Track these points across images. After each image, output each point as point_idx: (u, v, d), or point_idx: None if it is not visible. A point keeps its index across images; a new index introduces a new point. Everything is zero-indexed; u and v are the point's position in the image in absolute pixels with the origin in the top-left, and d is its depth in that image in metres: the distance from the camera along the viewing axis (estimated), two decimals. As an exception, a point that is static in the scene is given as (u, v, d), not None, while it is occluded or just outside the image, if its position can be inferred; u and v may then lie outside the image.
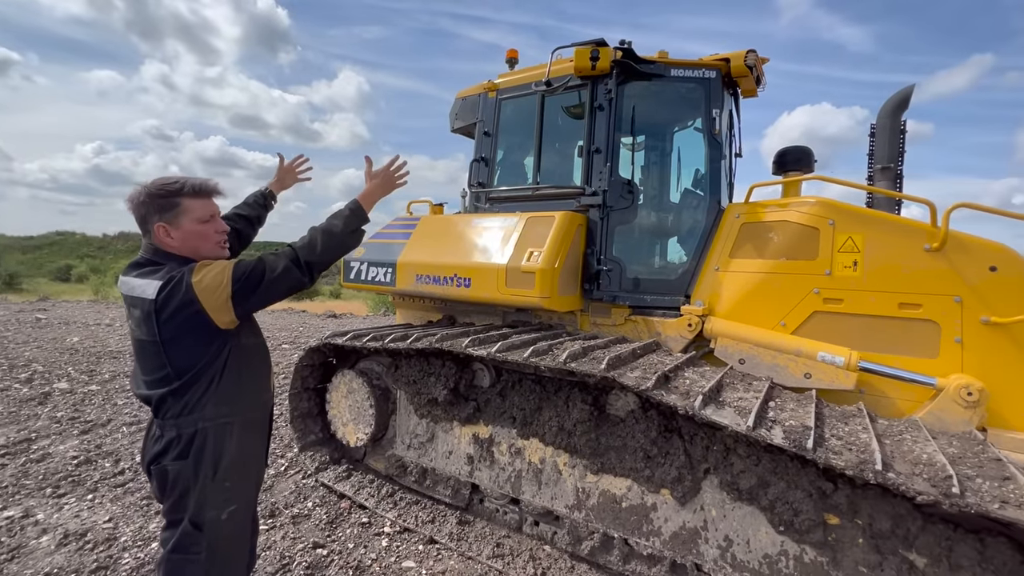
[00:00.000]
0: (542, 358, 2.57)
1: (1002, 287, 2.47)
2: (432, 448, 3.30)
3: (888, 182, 3.37)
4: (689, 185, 3.79)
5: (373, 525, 3.07)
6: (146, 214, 1.54)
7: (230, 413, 1.56)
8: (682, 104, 3.70)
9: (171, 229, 1.55)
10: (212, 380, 1.51)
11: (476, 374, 3.17)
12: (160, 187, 1.53)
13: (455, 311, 4.07)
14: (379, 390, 3.50)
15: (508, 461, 2.97)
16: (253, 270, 1.52)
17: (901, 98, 3.35)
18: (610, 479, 2.61)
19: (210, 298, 1.44)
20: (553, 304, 3.15)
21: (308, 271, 1.62)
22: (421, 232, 3.95)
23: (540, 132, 3.72)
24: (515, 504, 3.01)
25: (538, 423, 2.84)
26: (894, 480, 1.72)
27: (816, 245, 2.86)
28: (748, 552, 2.24)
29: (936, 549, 1.88)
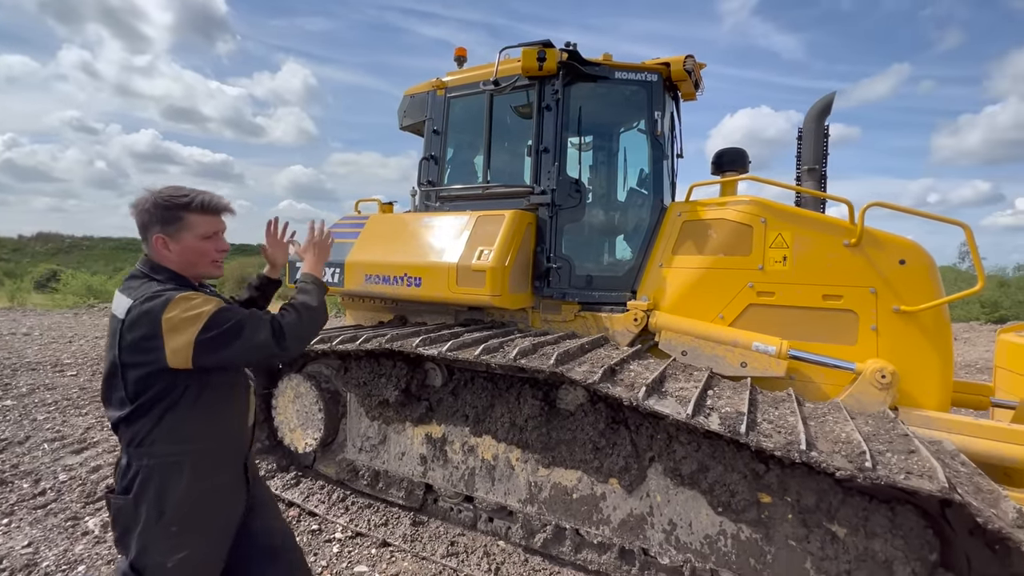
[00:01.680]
0: (493, 355, 2.59)
1: (910, 279, 2.72)
2: (384, 450, 3.25)
3: (814, 182, 3.61)
4: (634, 184, 3.92)
5: (323, 532, 2.99)
6: (148, 223, 1.46)
7: (181, 452, 1.41)
8: (626, 106, 3.81)
9: (170, 242, 1.47)
10: (163, 414, 1.38)
11: (428, 374, 3.15)
12: (167, 198, 1.46)
13: (406, 311, 4.03)
14: (328, 393, 3.41)
15: (461, 459, 2.97)
16: (231, 328, 1.38)
17: (824, 104, 3.60)
18: (561, 472, 2.67)
19: (173, 338, 1.32)
20: (504, 302, 3.18)
21: (287, 348, 1.48)
22: (370, 231, 3.88)
23: (489, 131, 3.74)
24: (469, 502, 3.02)
25: (490, 420, 2.86)
26: (817, 458, 1.86)
27: (750, 241, 3.04)
28: (691, 534, 2.35)
29: (854, 519, 2.05)
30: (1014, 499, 2.24)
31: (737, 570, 2.25)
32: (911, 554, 1.94)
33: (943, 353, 2.69)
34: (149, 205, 1.45)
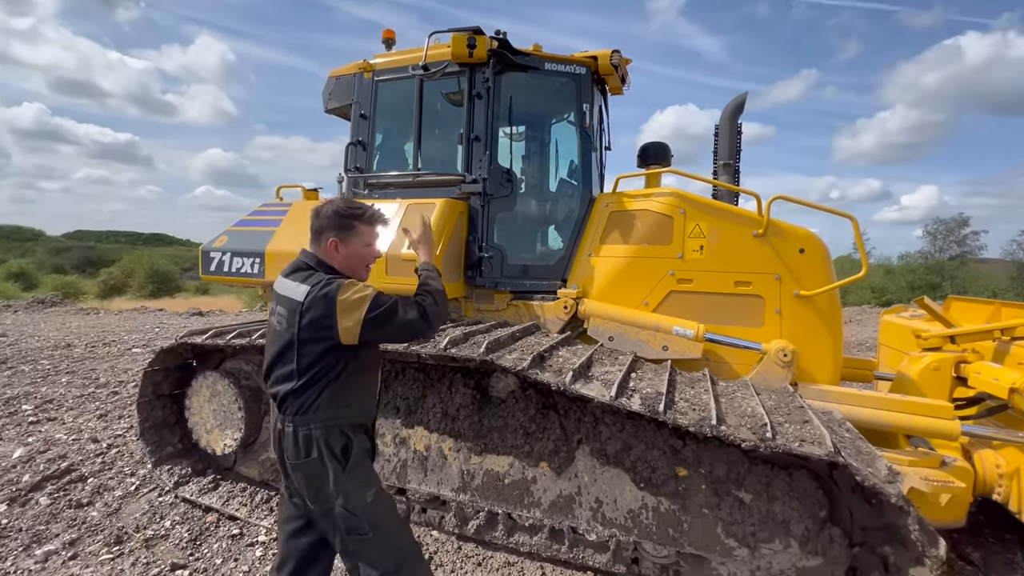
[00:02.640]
0: (424, 346, 2.56)
1: (808, 266, 2.98)
2: (312, 447, 3.13)
3: (729, 176, 3.86)
4: (565, 175, 4.00)
5: (245, 536, 2.84)
6: (325, 227, 1.72)
7: (340, 417, 1.65)
8: (556, 97, 3.87)
9: (340, 245, 1.72)
10: (327, 386, 1.61)
11: (357, 366, 3.06)
12: (348, 209, 1.74)
13: (335, 302, 3.88)
14: (248, 391, 3.22)
15: (393, 452, 2.93)
16: (389, 307, 1.61)
17: (737, 104, 3.85)
18: (493, 458, 2.70)
19: (345, 317, 1.55)
20: (436, 291, 3.14)
21: (431, 326, 1.71)
22: (293, 219, 3.67)
23: (419, 117, 3.65)
24: (402, 494, 2.98)
25: (423, 411, 2.84)
26: (726, 431, 2.01)
27: (671, 232, 3.20)
28: (616, 510, 2.47)
29: (759, 486, 2.24)
30: (887, 459, 2.54)
31: (657, 540, 2.40)
32: (805, 513, 2.16)
33: (835, 332, 2.99)
34: (330, 213, 1.72)
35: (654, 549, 2.44)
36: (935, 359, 3.01)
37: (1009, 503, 2.87)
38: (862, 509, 2.14)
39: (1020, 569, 2.73)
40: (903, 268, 24.34)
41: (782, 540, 2.19)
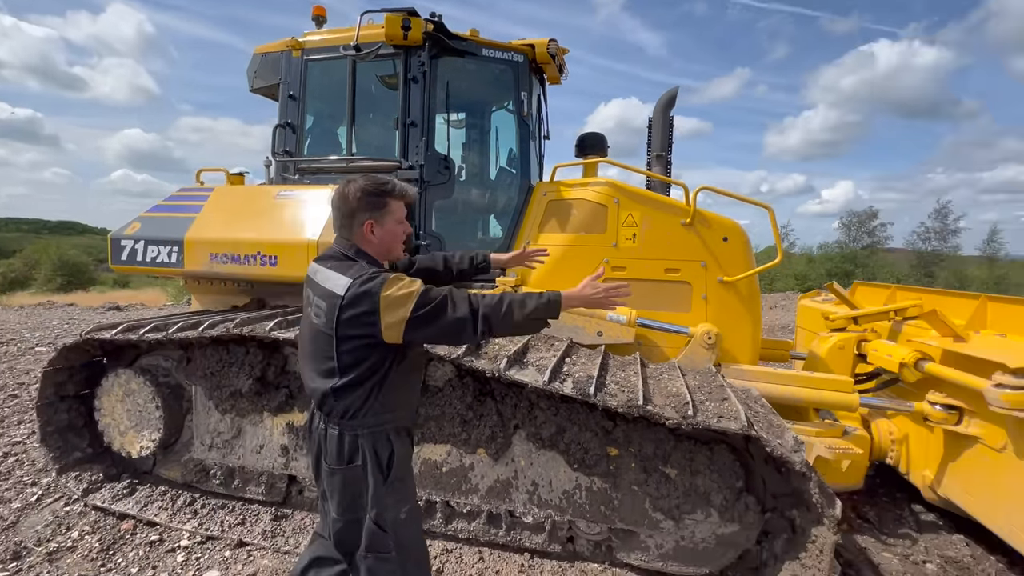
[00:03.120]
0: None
1: (731, 253, 3.16)
2: (239, 445, 2.98)
3: (661, 168, 4.00)
4: (504, 164, 4.00)
5: (166, 541, 2.68)
6: (356, 210, 1.59)
7: (388, 421, 1.58)
8: (494, 84, 3.85)
9: (375, 226, 1.61)
10: (373, 389, 1.52)
11: (288, 359, 2.94)
12: (376, 186, 1.60)
13: (265, 294, 3.70)
14: (167, 388, 3.02)
15: (327, 446, 2.84)
16: (436, 305, 1.45)
17: (669, 97, 3.98)
18: (431, 447, 2.68)
19: (389, 314, 1.43)
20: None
21: (480, 334, 1.49)
22: (216, 204, 3.46)
23: (352, 100, 3.51)
24: (337, 488, 2.91)
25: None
26: (652, 411, 2.11)
27: (605, 220, 3.28)
28: (551, 492, 2.53)
29: (683, 461, 2.37)
30: (796, 430, 2.76)
31: (590, 518, 2.48)
32: (724, 484, 2.30)
33: (755, 316, 3.20)
34: (359, 194, 1.58)
35: (587, 527, 2.53)
36: (840, 338, 3.29)
37: (899, 466, 3.21)
38: (773, 477, 2.32)
39: (908, 523, 3.06)
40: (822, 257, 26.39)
41: (703, 510, 2.33)
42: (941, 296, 3.29)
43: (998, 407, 2.30)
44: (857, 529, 2.97)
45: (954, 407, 2.70)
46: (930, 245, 26.41)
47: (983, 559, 2.71)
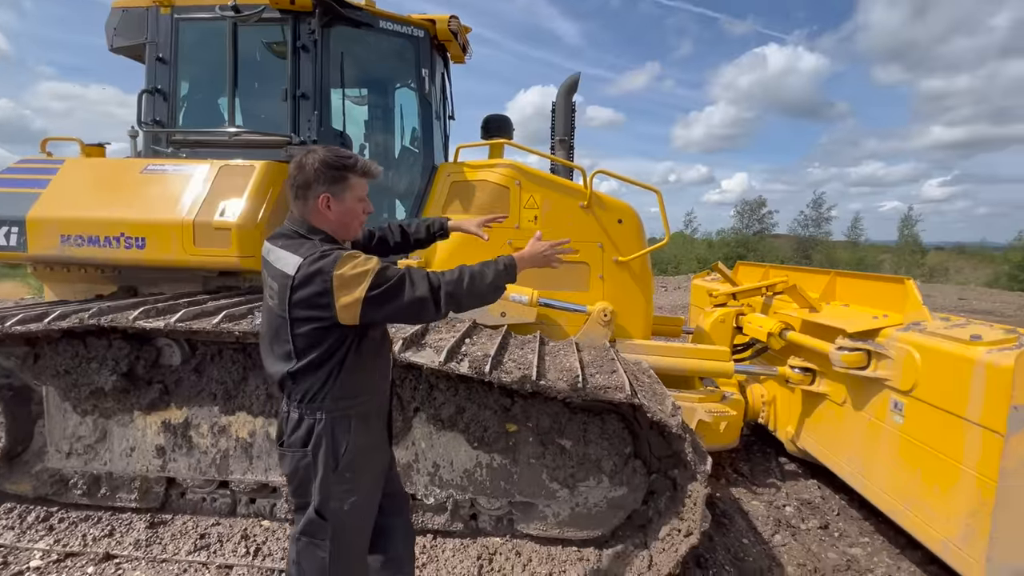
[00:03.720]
0: (238, 323, 2.32)
1: (625, 234, 3.33)
2: (105, 449, 2.67)
3: (564, 152, 4.10)
4: (407, 144, 3.88)
5: (11, 564, 2.34)
6: (312, 182, 1.49)
7: (349, 406, 1.51)
8: (395, 60, 3.70)
9: (333, 202, 1.51)
10: (332, 372, 1.46)
11: (162, 351, 2.66)
12: (337, 159, 1.50)
13: (136, 281, 3.30)
14: (9, 391, 2.62)
15: (211, 443, 2.63)
16: (394, 284, 1.39)
17: (571, 83, 4.07)
18: (327, 437, 2.58)
19: (343, 294, 1.36)
20: (258, 264, 2.83)
21: (443, 311, 1.46)
22: (67, 179, 3.02)
23: (235, 68, 3.21)
24: (225, 487, 2.71)
25: (244, 395, 2.58)
26: (545, 385, 2.18)
27: (507, 201, 3.31)
28: (452, 472, 2.54)
29: (577, 432, 2.48)
30: (680, 398, 2.99)
31: (491, 494, 2.53)
32: (613, 451, 2.45)
33: (647, 294, 3.41)
34: (317, 165, 1.47)
35: (488, 503, 2.57)
36: (721, 313, 3.61)
37: (769, 424, 3.61)
38: (657, 441, 2.50)
39: (774, 474, 3.46)
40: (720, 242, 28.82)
41: (595, 477, 2.46)
42: (802, 273, 3.72)
43: (839, 367, 2.65)
44: (732, 482, 3.31)
45: (809, 369, 3.07)
46: (808, 231, 29.79)
47: (830, 499, 3.14)
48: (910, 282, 2.65)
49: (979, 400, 1.99)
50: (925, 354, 2.28)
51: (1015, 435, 1.85)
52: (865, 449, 2.64)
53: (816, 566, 2.52)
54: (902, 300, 2.65)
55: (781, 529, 2.83)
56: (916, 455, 2.30)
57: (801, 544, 2.70)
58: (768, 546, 2.67)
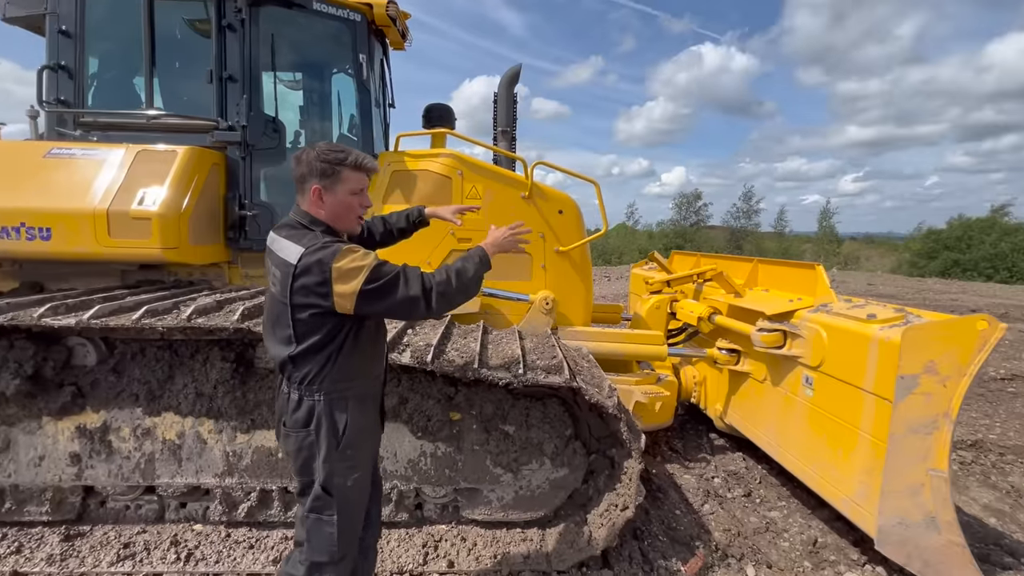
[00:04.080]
0: (161, 318, 2.19)
1: (566, 225, 3.42)
2: (9, 460, 2.44)
3: (507, 143, 4.13)
4: (346, 131, 3.77)
5: (-102, 591, 2.11)
6: (307, 174, 1.57)
7: (346, 388, 1.59)
8: (329, 43, 3.57)
9: (324, 194, 1.58)
10: (330, 357, 1.53)
11: (74, 351, 2.46)
12: (330, 152, 1.57)
13: (41, 276, 3.02)
14: None
15: (134, 447, 2.47)
16: (388, 281, 1.49)
17: (513, 74, 4.09)
18: (263, 433, 2.49)
19: (340, 285, 1.44)
20: (184, 256, 2.70)
21: (433, 308, 1.57)
22: (-47, 163, 2.70)
23: (152, 45, 2.98)
24: (151, 493, 2.56)
25: (170, 394, 2.45)
26: (486, 373, 2.21)
27: (450, 192, 3.30)
28: (396, 462, 2.54)
29: (520, 417, 2.54)
30: (619, 381, 3.13)
31: (436, 483, 2.55)
32: (555, 434, 2.53)
33: (587, 282, 3.52)
34: (311, 158, 1.55)
35: (433, 491, 2.59)
36: (656, 300, 3.79)
37: (700, 403, 3.84)
38: (596, 423, 2.61)
39: (705, 449, 3.70)
40: (659, 233, 30.02)
41: (538, 460, 2.54)
42: (729, 261, 3.97)
43: (759, 347, 2.87)
44: (667, 459, 3.52)
45: (734, 350, 3.30)
46: (739, 223, 31.61)
47: (754, 468, 3.40)
48: (819, 268, 2.91)
49: (873, 372, 2.23)
50: (830, 332, 2.51)
51: (902, 401, 2.09)
52: (781, 421, 2.89)
53: (739, 530, 2.74)
54: (813, 284, 2.91)
55: (710, 499, 3.04)
56: (823, 424, 2.54)
57: (727, 511, 2.92)
58: (698, 515, 2.87)
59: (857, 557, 2.50)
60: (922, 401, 2.06)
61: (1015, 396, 5.11)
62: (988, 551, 2.57)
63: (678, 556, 2.51)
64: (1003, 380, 5.50)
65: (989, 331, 1.98)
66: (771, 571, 2.43)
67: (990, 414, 4.60)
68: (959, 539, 2.04)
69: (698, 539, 2.64)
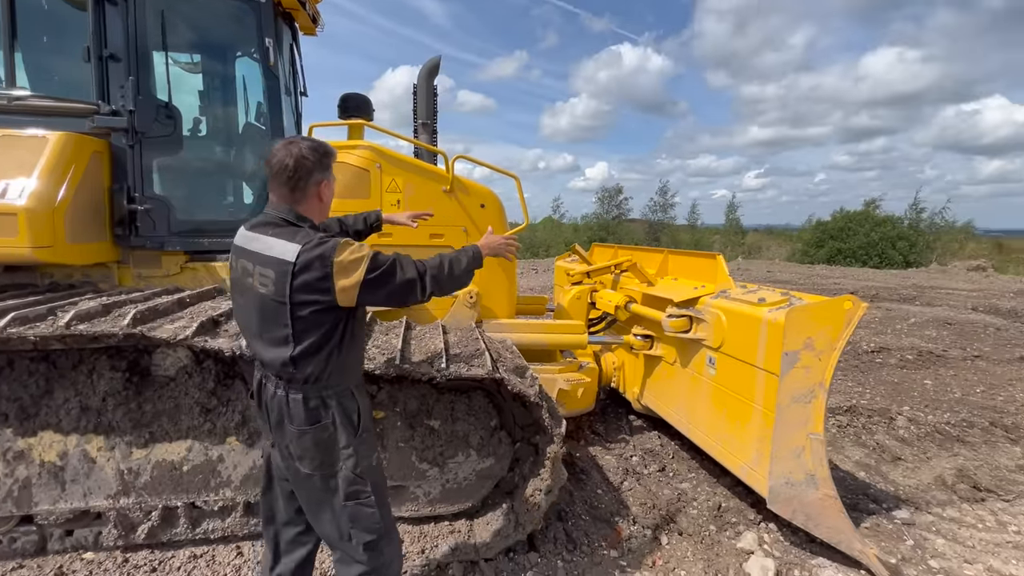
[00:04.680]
0: (33, 327, 1.95)
1: (488, 218, 3.44)
2: None
3: (428, 136, 4.07)
4: (252, 119, 3.54)
5: None
6: (313, 170, 1.56)
7: (349, 379, 1.64)
8: (231, 24, 3.32)
9: (327, 186, 1.63)
10: (332, 352, 1.55)
11: (-79, 368, 2.12)
12: (323, 145, 1.59)
13: None
14: None
15: (5, 472, 2.19)
16: (387, 269, 1.54)
17: (432, 65, 4.04)
18: (165, 447, 2.30)
19: (342, 278, 1.46)
20: (60, 256, 2.41)
21: (427, 292, 1.65)
22: None
23: (10, 17, 2.63)
24: (29, 522, 2.28)
25: (49, 411, 2.19)
26: (408, 368, 2.19)
27: (368, 185, 3.21)
28: (317, 466, 2.45)
29: (445, 412, 2.55)
30: (543, 370, 3.23)
31: (360, 483, 2.49)
32: (480, 425, 2.57)
33: (510, 275, 3.58)
34: (307, 154, 1.54)
35: (358, 492, 2.53)
36: (577, 291, 3.94)
37: (620, 387, 4.06)
38: (520, 412, 2.68)
39: (624, 431, 3.92)
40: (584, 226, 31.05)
41: (463, 452, 2.57)
42: (643, 252, 4.21)
43: (669, 332, 3.08)
44: (590, 442, 3.69)
45: (648, 336, 3.52)
46: (656, 216, 33.46)
47: (668, 445, 3.66)
48: (720, 257, 3.17)
49: (763, 350, 2.48)
50: (729, 316, 2.76)
51: (786, 375, 2.35)
52: (689, 399, 3.13)
53: (654, 503, 2.94)
54: (714, 272, 3.17)
55: (628, 476, 3.23)
56: (724, 399, 2.79)
57: (644, 487, 3.12)
58: (618, 492, 3.04)
59: (754, 517, 2.78)
60: (802, 374, 2.33)
61: (882, 365, 5.89)
62: (857, 500, 2.97)
63: (599, 533, 2.65)
64: (873, 352, 6.32)
65: (853, 310, 2.28)
66: (681, 537, 2.64)
67: (862, 382, 5.27)
68: (833, 492, 2.34)
69: (617, 515, 2.81)
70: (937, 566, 2.43)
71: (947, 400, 4.79)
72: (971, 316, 9.02)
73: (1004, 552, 2.53)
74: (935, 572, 2.39)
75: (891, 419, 4.20)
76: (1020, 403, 4.73)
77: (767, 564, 2.37)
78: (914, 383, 5.29)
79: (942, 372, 5.70)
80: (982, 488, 3.16)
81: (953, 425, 4.13)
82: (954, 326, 8.08)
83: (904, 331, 7.71)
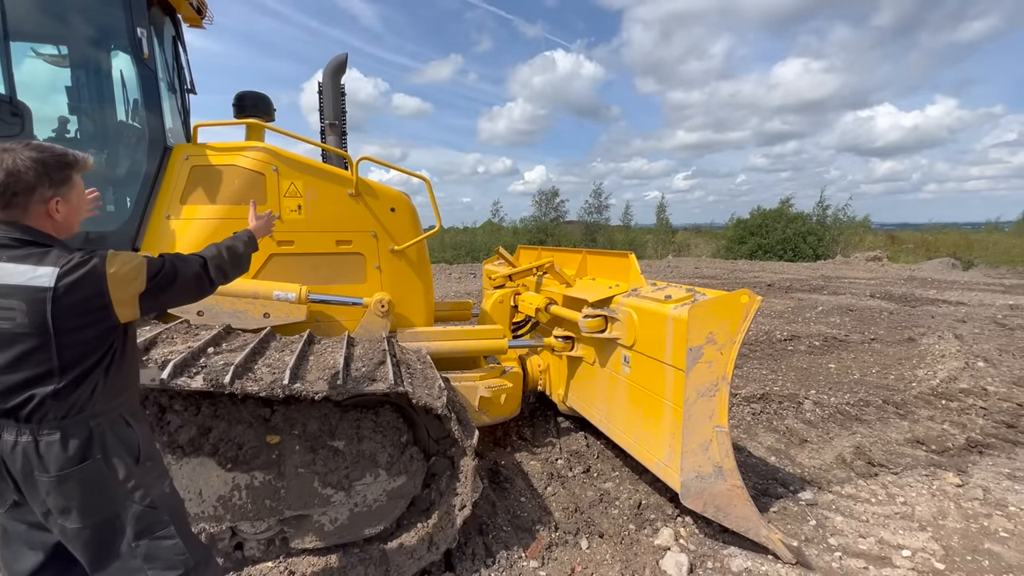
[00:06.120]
0: None
1: (399, 223, 3.29)
2: None
3: (336, 137, 3.86)
4: (127, 119, 3.18)
5: None
6: (35, 185, 1.33)
7: (120, 404, 1.47)
8: (96, 13, 2.96)
9: (62, 205, 1.40)
10: (101, 376, 1.39)
11: None
12: (56, 158, 1.37)
13: None
14: None
15: None
16: (167, 269, 1.47)
17: (338, 63, 3.83)
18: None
19: (120, 291, 1.36)
20: None
21: (214, 282, 1.62)
22: None
23: None
24: None
25: None
26: (299, 388, 2.01)
27: (264, 190, 2.97)
28: (202, 502, 2.20)
29: (350, 431, 2.37)
30: (463, 378, 3.12)
31: (255, 517, 2.27)
32: (388, 443, 2.42)
33: (426, 281, 3.45)
34: (36, 167, 1.33)
35: (253, 527, 2.31)
36: (499, 294, 3.87)
37: (546, 390, 4.03)
38: (434, 425, 2.55)
39: (551, 433, 3.90)
40: (523, 229, 31.32)
41: (372, 472, 2.40)
42: (564, 254, 4.21)
43: (585, 332, 3.08)
44: (516, 448, 3.62)
45: (568, 337, 3.51)
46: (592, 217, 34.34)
47: (593, 445, 3.67)
48: (631, 256, 3.21)
49: (671, 346, 2.51)
50: (639, 314, 2.78)
51: (692, 370, 2.38)
52: (608, 398, 3.14)
53: (577, 505, 2.91)
54: (627, 271, 3.20)
55: (553, 481, 3.19)
56: (639, 397, 2.81)
57: (568, 490, 3.09)
58: (542, 499, 2.99)
59: (672, 512, 2.82)
60: (706, 368, 2.37)
61: (793, 353, 6.29)
62: (767, 485, 3.10)
63: (520, 543, 2.58)
64: (785, 341, 6.74)
65: (750, 303, 2.35)
66: (602, 540, 2.62)
67: (775, 369, 5.59)
68: (739, 482, 2.40)
69: (539, 522, 2.75)
70: (836, 543, 2.56)
71: (847, 382, 5.17)
72: (869, 302, 9.90)
73: (892, 523, 2.71)
74: (833, 549, 2.51)
75: (799, 403, 4.46)
76: (908, 380, 5.20)
77: (681, 559, 2.39)
78: (820, 367, 5.68)
79: (844, 356, 6.17)
80: (875, 463, 3.40)
81: (852, 405, 4.45)
82: (855, 312, 8.82)
83: (813, 319, 8.32)
